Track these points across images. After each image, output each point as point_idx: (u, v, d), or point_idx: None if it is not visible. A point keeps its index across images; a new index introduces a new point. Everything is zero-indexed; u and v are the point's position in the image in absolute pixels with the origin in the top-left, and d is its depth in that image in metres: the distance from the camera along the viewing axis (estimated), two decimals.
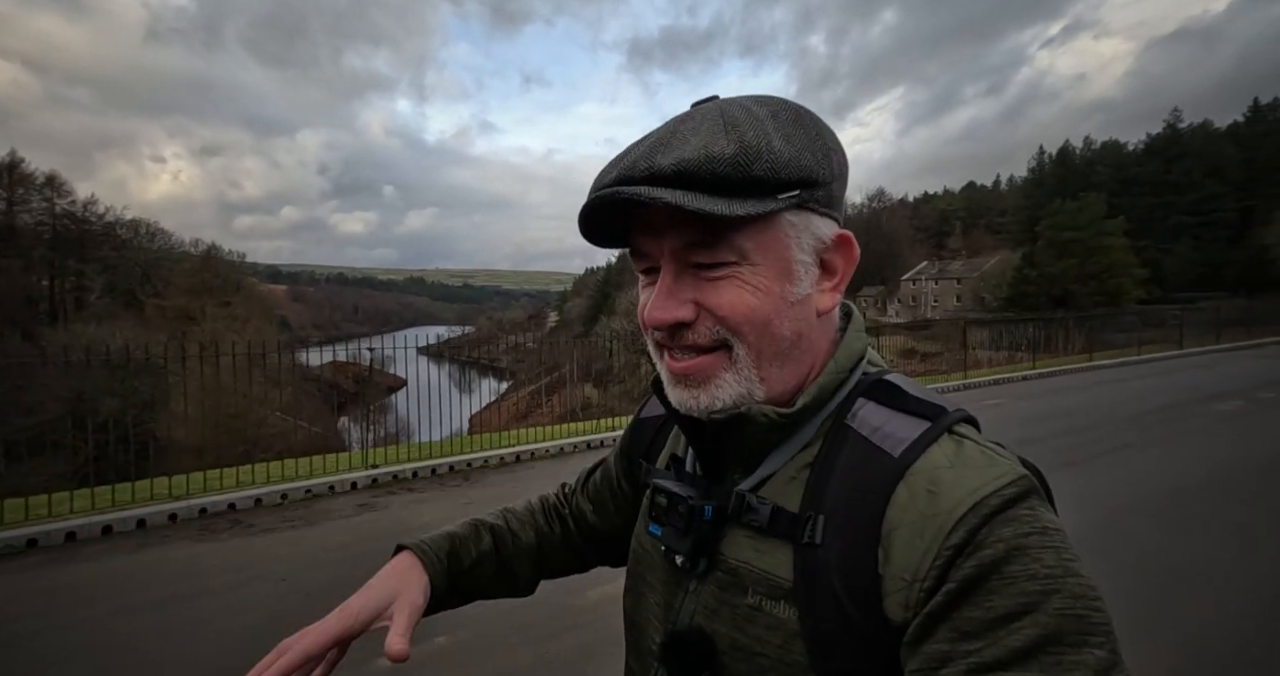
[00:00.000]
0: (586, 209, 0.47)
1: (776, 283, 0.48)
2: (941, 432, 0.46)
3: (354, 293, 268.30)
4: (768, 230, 0.47)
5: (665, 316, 0.48)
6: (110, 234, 55.72)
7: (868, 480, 0.45)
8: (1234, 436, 6.39)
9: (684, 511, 0.52)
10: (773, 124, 0.46)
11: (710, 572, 0.52)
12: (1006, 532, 0.40)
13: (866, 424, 0.48)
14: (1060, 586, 0.38)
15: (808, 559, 0.46)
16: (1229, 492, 4.67)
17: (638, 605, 0.60)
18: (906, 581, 0.41)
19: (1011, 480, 0.42)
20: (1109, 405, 8.44)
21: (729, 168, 0.44)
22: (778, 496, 0.50)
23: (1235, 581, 3.25)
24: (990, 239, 72.69)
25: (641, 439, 0.69)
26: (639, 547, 0.62)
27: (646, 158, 0.45)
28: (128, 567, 3.97)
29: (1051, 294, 47.03)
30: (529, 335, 30.03)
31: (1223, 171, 55.79)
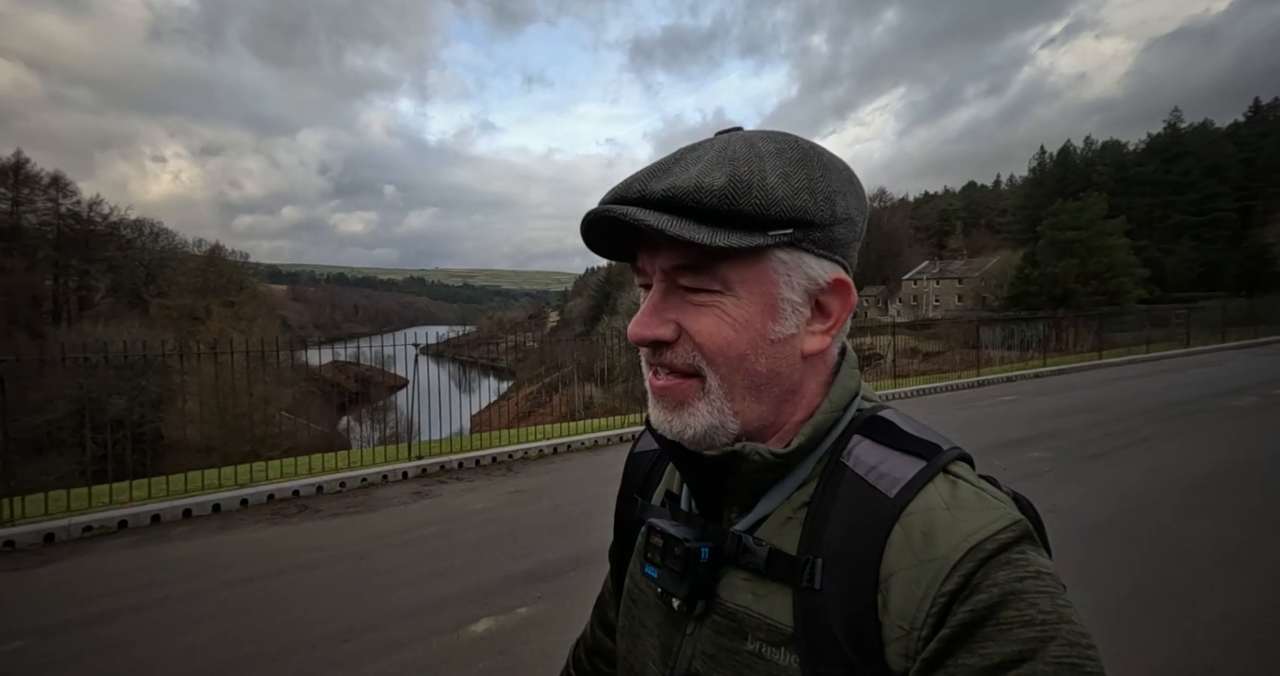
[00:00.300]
0: (584, 224, 0.49)
1: (758, 318, 0.49)
2: (937, 472, 0.46)
3: (354, 292, 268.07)
4: (756, 265, 0.48)
5: (645, 333, 0.50)
6: (114, 234, 55.83)
7: (864, 521, 0.45)
8: (1249, 430, 6.62)
9: (680, 553, 0.51)
10: (774, 161, 0.47)
11: (708, 616, 0.51)
12: (1001, 577, 0.40)
13: (862, 463, 0.49)
14: (1056, 633, 0.38)
15: (808, 604, 0.45)
16: (1248, 481, 4.89)
17: (634, 647, 0.59)
18: (905, 629, 0.42)
19: (1006, 525, 0.42)
20: (1124, 401, 8.67)
21: (715, 199, 0.45)
22: (775, 537, 0.49)
23: (1260, 562, 3.47)
24: (991, 238, 72.90)
25: (637, 474, 0.68)
26: (634, 587, 0.61)
27: (643, 182, 0.47)
28: (216, 547, 4.25)
29: (1053, 293, 47.09)
30: (529, 335, 30.14)
31: (1223, 171, 56.03)
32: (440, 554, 3.84)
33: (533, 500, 5.09)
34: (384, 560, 3.92)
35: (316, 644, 2.94)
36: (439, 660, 2.75)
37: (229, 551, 4.17)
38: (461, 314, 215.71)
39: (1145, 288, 46.21)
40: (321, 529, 4.55)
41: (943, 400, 9.60)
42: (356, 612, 3.22)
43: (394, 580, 3.57)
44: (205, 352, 5.55)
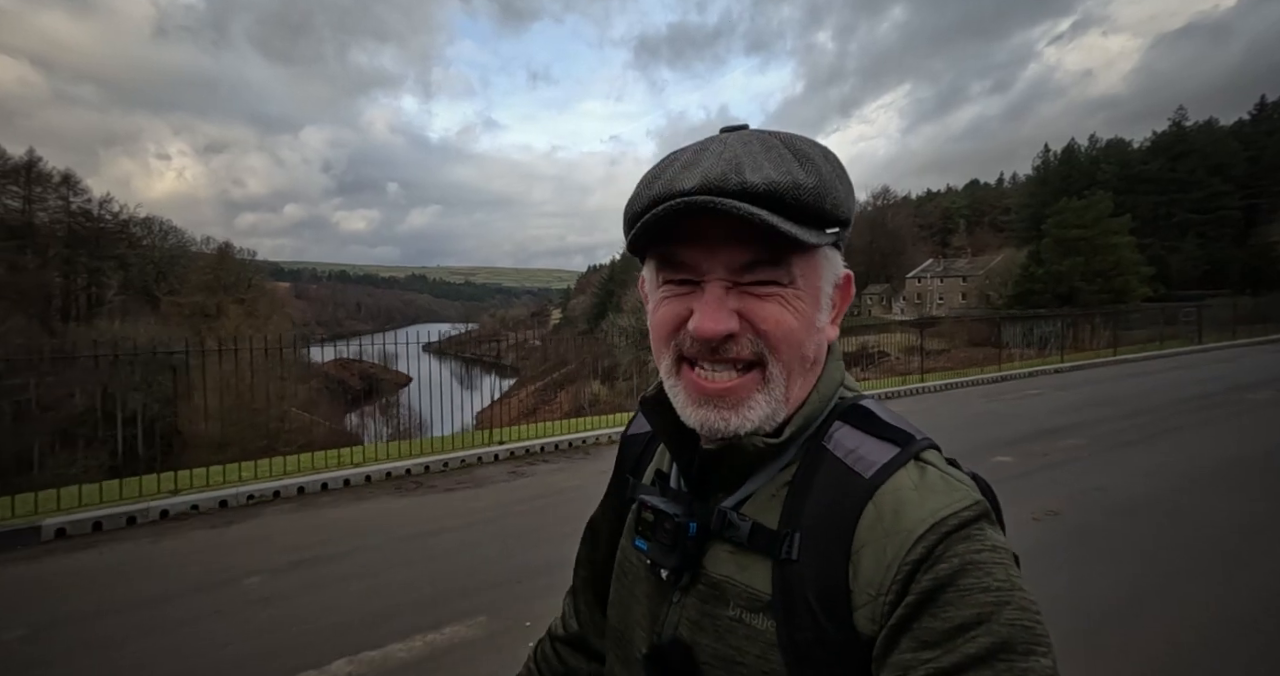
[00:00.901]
0: (665, 211, 0.47)
1: (811, 309, 0.52)
2: (909, 459, 0.49)
3: (356, 290, 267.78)
4: (812, 260, 0.52)
5: (720, 328, 0.49)
6: (124, 232, 56.17)
7: (841, 499, 0.49)
8: (1272, 421, 6.99)
9: (670, 528, 0.54)
10: (827, 164, 0.51)
11: (693, 586, 0.54)
12: (961, 549, 0.43)
13: (841, 446, 0.52)
14: (1010, 598, 0.41)
15: (785, 573, 0.48)
16: (1276, 464, 5.27)
17: (624, 616, 0.62)
18: (872, 595, 0.45)
19: (968, 505, 0.46)
20: (1146, 394, 9.04)
21: (811, 197, 0.47)
22: (758, 514, 0.52)
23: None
24: (994, 236, 72.97)
25: (629, 455, 0.71)
26: (625, 561, 0.64)
27: (736, 172, 0.47)
28: (362, 513, 4.82)
29: (1058, 292, 47.19)
30: (531, 333, 30.21)
31: (1227, 169, 56.06)
32: (565, 519, 4.25)
33: None
34: (516, 523, 4.46)
35: (497, 584, 3.45)
36: None
37: (376, 517, 4.75)
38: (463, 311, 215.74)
39: (1150, 286, 46.42)
40: (444, 502, 5.08)
41: (970, 394, 9.96)
42: (515, 561, 3.73)
43: (535, 538, 4.09)
44: (229, 349, 5.86)
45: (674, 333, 0.53)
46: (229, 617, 3.12)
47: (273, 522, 4.63)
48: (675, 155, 0.52)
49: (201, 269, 52.32)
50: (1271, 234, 48.95)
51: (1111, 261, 46.45)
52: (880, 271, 72.00)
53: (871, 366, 14.68)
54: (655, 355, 0.56)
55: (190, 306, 49.69)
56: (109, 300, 52.40)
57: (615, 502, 0.70)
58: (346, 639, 2.85)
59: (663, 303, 0.53)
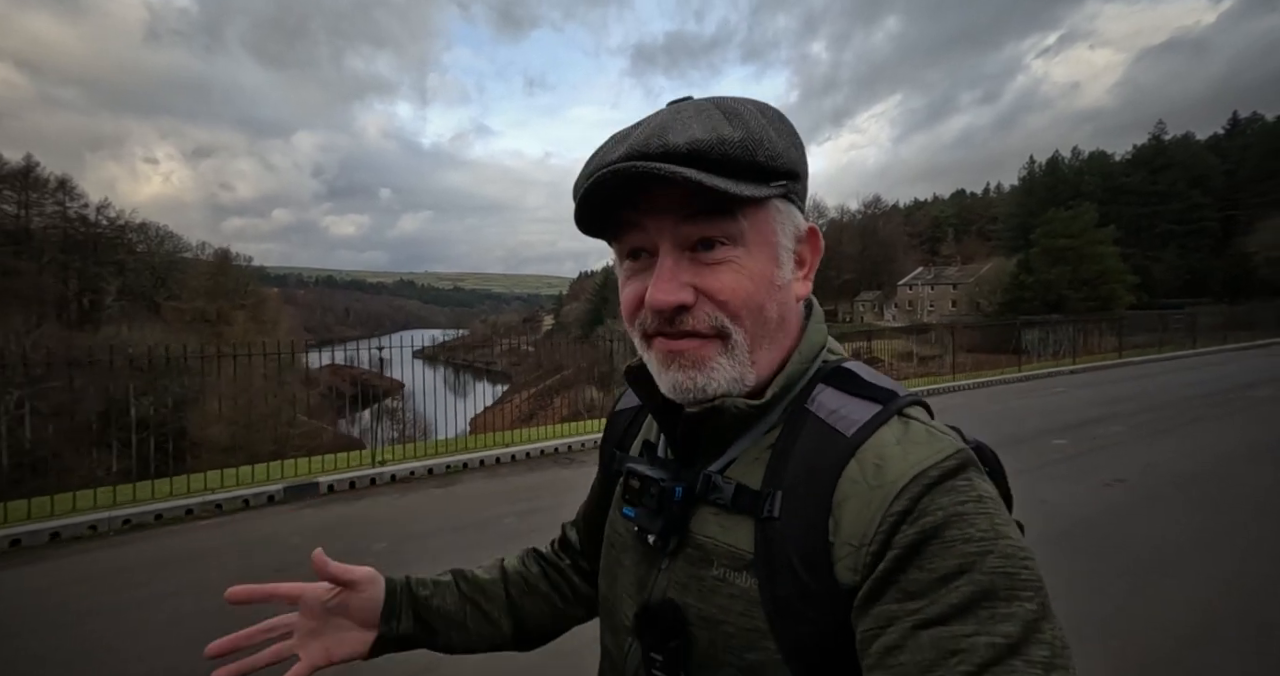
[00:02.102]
0: (593, 184, 0.48)
1: (767, 267, 0.51)
2: (892, 415, 0.50)
3: (344, 295, 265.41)
4: (761, 215, 0.51)
5: (670, 298, 0.50)
6: (121, 237, 55.97)
7: (823, 457, 0.49)
8: (1276, 414, 7.88)
9: (656, 493, 0.55)
10: (764, 118, 0.51)
11: (680, 549, 0.55)
12: (945, 501, 0.43)
13: (824, 407, 0.52)
14: (993, 547, 0.42)
15: (767, 531, 0.49)
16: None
17: (613, 585, 0.63)
18: (854, 546, 0.45)
19: (950, 454, 0.46)
20: (1161, 391, 9.94)
21: (738, 150, 0.47)
22: (742, 476, 0.53)
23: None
24: (982, 245, 74.71)
25: (616, 430, 0.72)
26: (612, 531, 0.65)
27: (659, 136, 0.47)
28: (466, 492, 5.37)
29: (1046, 299, 48.43)
30: (523, 338, 30.38)
31: (1206, 182, 58.08)
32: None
33: None
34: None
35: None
36: None
37: (546, 487, 5.51)
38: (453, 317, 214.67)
39: (1134, 294, 47.91)
40: (526, 482, 5.73)
41: (1002, 392, 10.82)
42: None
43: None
44: (258, 353, 5.98)
45: (638, 310, 0.53)
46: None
47: (394, 502, 5.21)
48: (615, 133, 0.53)
49: (201, 275, 52.34)
50: (1248, 244, 50.69)
51: (1097, 270, 47.91)
52: (872, 279, 73.47)
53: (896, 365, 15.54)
54: (628, 332, 0.56)
55: (191, 312, 49.69)
56: (107, 306, 52.14)
57: (602, 476, 0.72)
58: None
59: (627, 282, 0.54)
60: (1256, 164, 57.46)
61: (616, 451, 0.70)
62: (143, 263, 55.09)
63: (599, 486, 0.74)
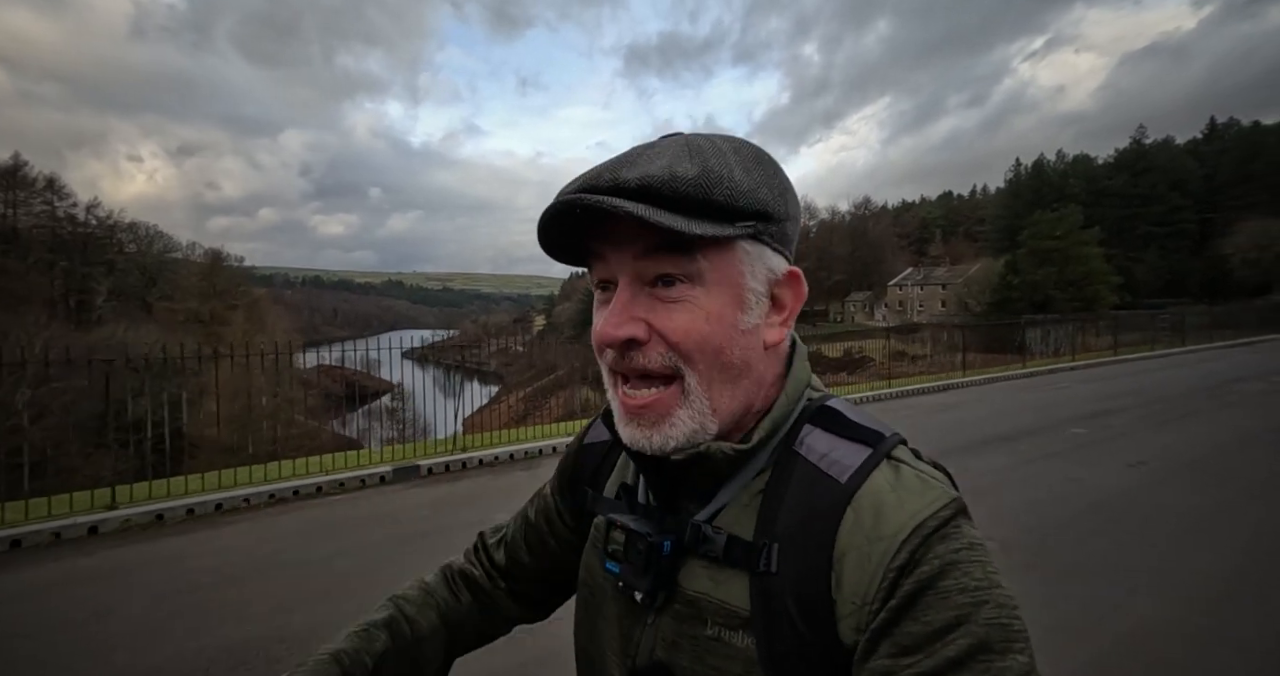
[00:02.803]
0: (546, 216, 0.48)
1: (729, 309, 0.50)
2: (882, 458, 0.49)
3: (331, 295, 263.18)
4: (724, 256, 0.49)
5: (618, 333, 0.49)
6: (111, 237, 55.47)
7: (818, 506, 0.48)
8: (1269, 406, 8.56)
9: (643, 548, 0.52)
10: (735, 157, 0.50)
11: (668, 605, 0.53)
12: (940, 549, 0.43)
13: (814, 450, 0.51)
14: (989, 597, 0.42)
15: (764, 587, 0.47)
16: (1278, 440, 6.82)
17: (593, 638, 0.60)
18: (856, 605, 0.44)
19: (945, 503, 0.46)
20: (1160, 386, 10.64)
21: (690, 187, 0.46)
22: (732, 525, 0.51)
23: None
24: (969, 246, 76.06)
25: (586, 466, 0.68)
26: (590, 579, 0.62)
27: (611, 171, 0.47)
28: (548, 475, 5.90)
29: (1033, 300, 49.55)
30: (515, 339, 30.43)
31: (1185, 185, 59.78)
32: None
33: None
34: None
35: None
36: None
37: (514, 487, 5.69)
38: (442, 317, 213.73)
39: (1117, 294, 49.33)
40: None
41: (1011, 387, 11.46)
42: None
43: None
44: (256, 354, 6.07)
45: (602, 343, 0.52)
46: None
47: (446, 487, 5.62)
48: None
49: (194, 275, 52.13)
50: (1225, 246, 52.22)
51: (1083, 271, 49.10)
52: (863, 279, 74.61)
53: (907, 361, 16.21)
54: (600, 365, 0.55)
55: (185, 312, 49.49)
56: (99, 306, 51.66)
57: (567, 511, 0.70)
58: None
59: (596, 312, 0.53)
60: (1233, 168, 59.20)
61: (589, 491, 0.67)
62: (133, 263, 54.65)
63: (558, 520, 0.70)
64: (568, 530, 0.70)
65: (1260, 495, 4.76)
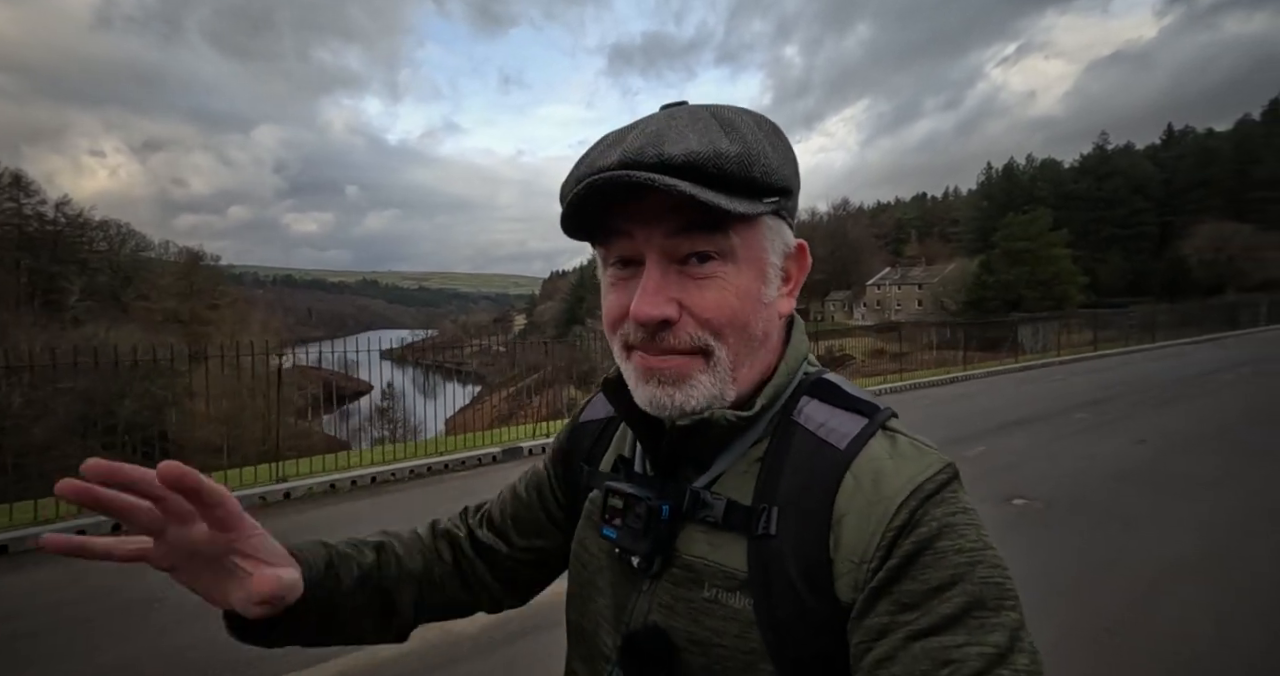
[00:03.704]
0: (584, 191, 0.47)
1: (755, 284, 0.51)
2: (878, 428, 0.51)
3: (304, 295, 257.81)
4: (752, 231, 0.50)
5: (655, 312, 0.49)
6: (83, 235, 54.04)
7: (817, 471, 0.49)
8: (1244, 393, 9.54)
9: (641, 512, 0.53)
10: (760, 131, 0.50)
11: (665, 570, 0.53)
12: (938, 512, 0.45)
13: (812, 420, 0.53)
14: (982, 558, 0.44)
15: (762, 549, 0.49)
16: (1254, 420, 7.59)
17: (585, 610, 0.60)
18: (855, 563, 0.46)
19: (940, 468, 0.48)
20: (1145, 377, 11.63)
21: (735, 165, 0.46)
22: (731, 491, 0.52)
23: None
24: (943, 247, 78.29)
25: (582, 442, 0.69)
26: (583, 553, 0.62)
27: (654, 145, 0.46)
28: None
29: (1006, 298, 51.51)
30: (495, 338, 30.37)
31: (1146, 189, 62.56)
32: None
33: None
34: None
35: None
36: None
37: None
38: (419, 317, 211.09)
39: (1084, 294, 51.60)
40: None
41: (1008, 380, 12.32)
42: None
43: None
44: (259, 354, 6.02)
45: (621, 320, 0.52)
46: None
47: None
48: (606, 135, 0.52)
49: (171, 274, 51.21)
50: (1184, 248, 54.88)
51: (1052, 271, 51.16)
52: (842, 279, 76.25)
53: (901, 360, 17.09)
54: (609, 340, 0.55)
55: (163, 312, 48.57)
56: (71, 306, 50.32)
57: (561, 488, 0.69)
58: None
59: (610, 289, 0.53)
60: (1190, 173, 62.15)
61: (584, 466, 0.67)
62: (106, 262, 53.33)
63: (550, 495, 0.70)
64: (558, 506, 0.70)
65: (1246, 463, 5.60)
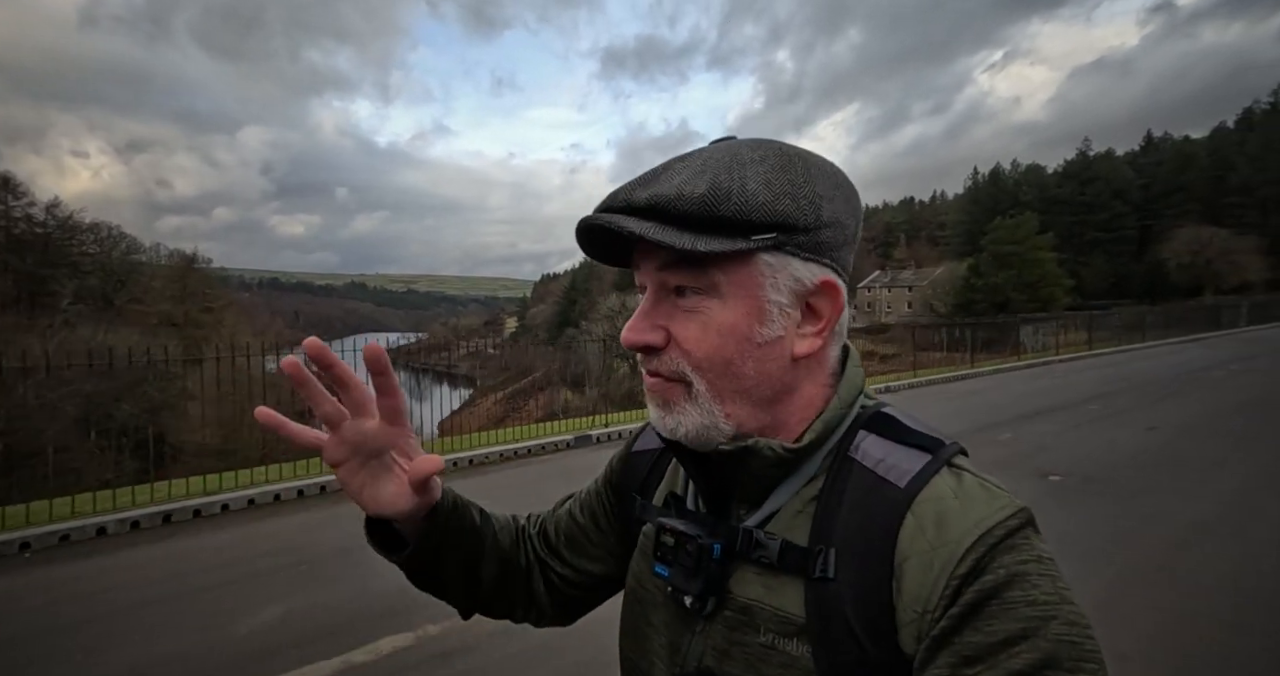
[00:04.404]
0: (577, 232, 0.52)
1: (744, 321, 0.50)
2: (942, 465, 0.48)
3: (291, 298, 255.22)
4: (743, 269, 0.49)
5: (636, 338, 0.52)
6: (74, 238, 53.69)
7: (876, 511, 0.47)
8: (1234, 387, 10.37)
9: (693, 550, 0.52)
10: (756, 168, 0.49)
11: (719, 612, 0.52)
12: (1007, 560, 0.42)
13: (870, 456, 0.50)
14: (1057, 613, 0.40)
15: (820, 593, 0.46)
16: (1247, 410, 8.40)
17: (639, 648, 0.59)
18: (918, 613, 0.43)
19: (1013, 512, 0.45)
20: (1142, 374, 12.46)
21: (695, 206, 0.47)
22: (785, 531, 0.50)
23: (1273, 445, 6.98)
24: (931, 250, 79.84)
25: (636, 473, 0.68)
26: (638, 587, 0.61)
27: (629, 191, 0.50)
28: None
29: (994, 301, 52.83)
30: (487, 341, 30.03)
31: (1126, 194, 64.44)
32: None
33: None
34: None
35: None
36: None
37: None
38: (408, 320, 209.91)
39: (1069, 296, 53.05)
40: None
41: (1018, 376, 13.15)
42: None
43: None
44: (270, 353, 6.15)
45: None
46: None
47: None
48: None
49: (165, 277, 51.11)
50: (1163, 251, 56.58)
51: (1039, 274, 52.56)
52: None
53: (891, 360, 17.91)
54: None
55: (158, 315, 48.43)
56: (63, 309, 49.96)
57: (618, 517, 0.69)
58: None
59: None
60: (1168, 179, 64.12)
61: (637, 497, 0.66)
62: (98, 264, 53.02)
63: (604, 520, 0.71)
64: (612, 533, 0.71)
65: (1243, 446, 6.37)
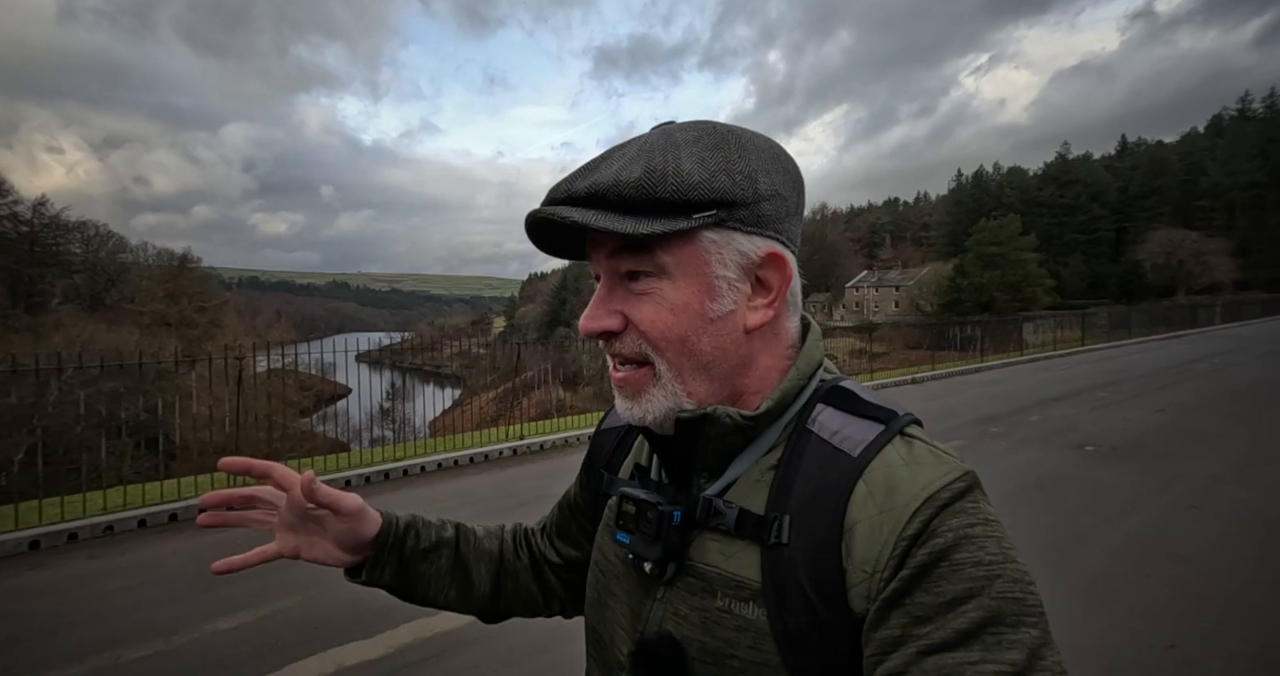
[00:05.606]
0: (525, 227, 0.53)
1: (695, 299, 0.51)
2: (894, 434, 0.50)
3: (273, 297, 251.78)
4: (688, 247, 0.50)
5: (593, 326, 0.53)
6: (62, 236, 53.10)
7: (829, 479, 0.48)
8: (1220, 377, 11.43)
9: (653, 517, 0.53)
10: (690, 149, 0.50)
11: (678, 578, 0.53)
12: (955, 523, 0.44)
13: (826, 427, 0.52)
14: (1001, 572, 0.42)
15: (775, 558, 0.48)
16: (1239, 392, 9.47)
17: (602, 617, 0.61)
18: (867, 573, 0.45)
19: (958, 476, 0.46)
20: (1136, 366, 13.52)
21: (633, 190, 0.48)
22: (743, 499, 0.52)
23: (1265, 423, 7.95)
24: (916, 250, 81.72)
25: (602, 450, 0.71)
26: (602, 558, 0.63)
27: (569, 182, 0.51)
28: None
29: (980, 300, 54.37)
30: (474, 341, 30.25)
31: (1103, 197, 66.69)
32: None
33: None
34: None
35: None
36: None
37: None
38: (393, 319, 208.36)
39: (1050, 295, 54.84)
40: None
41: (1025, 369, 14.11)
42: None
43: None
44: (277, 353, 6.17)
45: None
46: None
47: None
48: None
49: (155, 277, 50.85)
50: (1138, 253, 58.73)
51: (1022, 274, 54.23)
52: (821, 281, 78.93)
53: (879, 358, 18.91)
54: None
55: (151, 315, 48.17)
56: (53, 309, 49.44)
57: (585, 496, 0.72)
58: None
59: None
60: (1143, 182, 66.47)
61: (604, 473, 0.68)
62: (90, 264, 52.48)
63: (578, 504, 0.74)
64: (584, 514, 0.73)
65: (1238, 423, 7.35)
